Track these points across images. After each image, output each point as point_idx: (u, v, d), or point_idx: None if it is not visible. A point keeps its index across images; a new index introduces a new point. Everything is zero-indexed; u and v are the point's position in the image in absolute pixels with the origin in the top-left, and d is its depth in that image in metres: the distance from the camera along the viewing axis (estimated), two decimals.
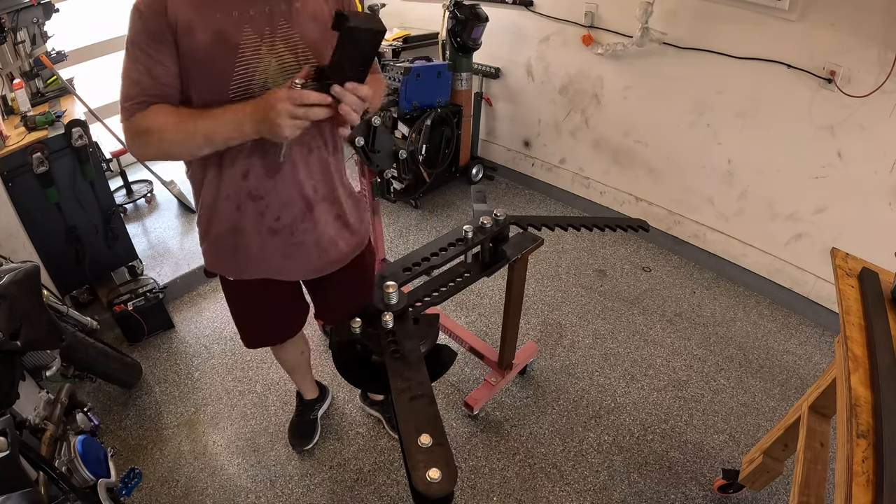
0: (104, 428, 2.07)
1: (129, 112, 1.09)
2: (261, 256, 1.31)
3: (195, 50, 1.05)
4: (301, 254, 1.32)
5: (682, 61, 2.53)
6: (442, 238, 1.34)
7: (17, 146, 2.06)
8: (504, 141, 3.59)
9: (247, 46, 1.08)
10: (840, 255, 1.35)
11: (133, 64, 1.07)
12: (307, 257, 1.33)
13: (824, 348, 2.41)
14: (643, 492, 1.85)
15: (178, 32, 1.04)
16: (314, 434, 2.02)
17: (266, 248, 1.29)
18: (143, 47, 1.05)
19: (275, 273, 1.36)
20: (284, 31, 1.11)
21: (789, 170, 2.39)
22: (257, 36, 1.08)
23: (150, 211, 3.24)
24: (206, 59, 1.07)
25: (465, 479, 1.90)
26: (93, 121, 2.67)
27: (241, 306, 1.53)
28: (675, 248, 2.98)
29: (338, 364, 1.17)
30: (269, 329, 1.60)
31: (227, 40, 1.06)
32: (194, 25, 1.04)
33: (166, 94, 1.09)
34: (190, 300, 2.71)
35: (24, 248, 2.17)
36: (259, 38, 1.08)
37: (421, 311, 1.20)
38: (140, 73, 1.06)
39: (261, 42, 1.09)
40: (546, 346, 2.41)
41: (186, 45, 1.05)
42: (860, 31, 2.00)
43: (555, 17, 2.92)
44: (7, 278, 1.47)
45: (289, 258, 1.32)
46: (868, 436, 0.93)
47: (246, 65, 1.09)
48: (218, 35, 1.05)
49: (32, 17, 2.33)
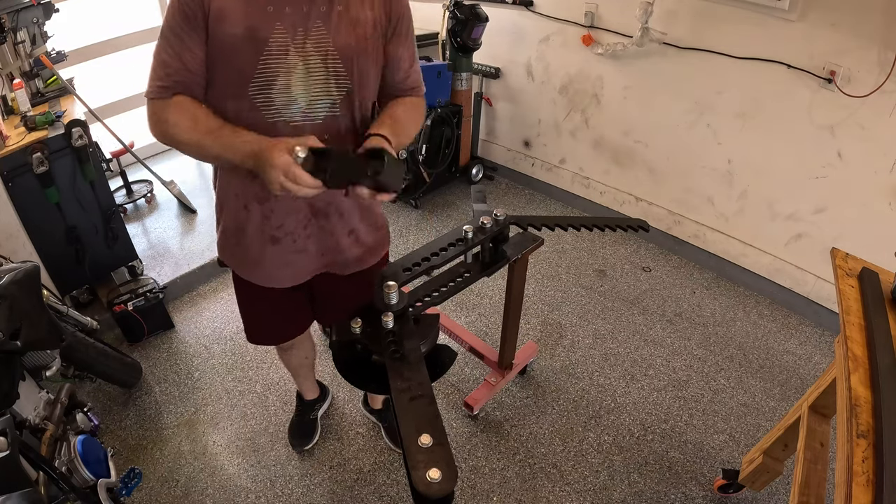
0: (104, 428, 2.07)
1: (153, 92, 1.08)
2: (259, 262, 1.30)
3: (223, 39, 1.04)
4: (302, 260, 1.30)
5: (682, 61, 2.53)
6: (442, 238, 1.34)
7: (17, 146, 2.06)
8: (504, 141, 3.59)
9: (275, 44, 1.05)
10: (840, 255, 1.34)
11: (165, 45, 1.06)
12: (308, 262, 1.32)
13: (824, 348, 2.42)
14: (643, 492, 1.85)
15: (210, 18, 1.02)
16: (314, 434, 2.02)
17: (265, 255, 1.28)
18: (177, 30, 1.04)
19: (271, 281, 1.35)
20: (319, 33, 1.07)
21: (789, 170, 2.40)
22: (288, 35, 1.05)
23: (150, 211, 3.24)
24: (231, 51, 1.05)
25: (466, 479, 1.90)
26: (93, 121, 2.67)
27: (246, 301, 1.53)
28: (675, 248, 2.98)
29: (338, 364, 1.17)
30: (270, 328, 1.59)
31: (256, 34, 1.03)
32: (226, 14, 1.02)
33: (191, 81, 1.08)
34: (190, 300, 2.70)
35: (24, 248, 2.17)
36: (290, 37, 1.05)
37: (421, 311, 1.19)
38: (170, 56, 1.06)
39: (290, 42, 1.06)
40: (546, 346, 2.41)
41: (215, 32, 1.03)
42: (860, 31, 2.00)
43: (555, 17, 2.92)
44: (7, 278, 1.47)
45: (288, 266, 1.31)
46: (868, 436, 0.93)
47: (270, 63, 1.06)
48: (248, 27, 1.03)
49: (32, 17, 2.33)
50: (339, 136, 1.17)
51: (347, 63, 1.11)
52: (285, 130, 1.12)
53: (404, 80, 1.26)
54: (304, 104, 1.11)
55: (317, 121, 1.14)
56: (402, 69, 1.24)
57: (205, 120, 1.08)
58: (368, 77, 1.18)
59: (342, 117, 1.17)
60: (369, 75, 1.18)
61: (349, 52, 1.11)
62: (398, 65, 1.23)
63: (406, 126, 1.23)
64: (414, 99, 1.29)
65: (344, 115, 1.17)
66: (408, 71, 1.25)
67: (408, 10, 1.20)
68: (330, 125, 1.16)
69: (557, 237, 3.04)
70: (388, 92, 1.27)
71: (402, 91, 1.28)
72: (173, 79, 1.07)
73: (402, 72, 1.24)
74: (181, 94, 1.09)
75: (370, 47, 1.14)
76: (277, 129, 1.11)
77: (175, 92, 1.09)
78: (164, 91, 1.08)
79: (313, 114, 1.13)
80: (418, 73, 1.29)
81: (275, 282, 1.35)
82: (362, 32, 1.12)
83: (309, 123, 1.13)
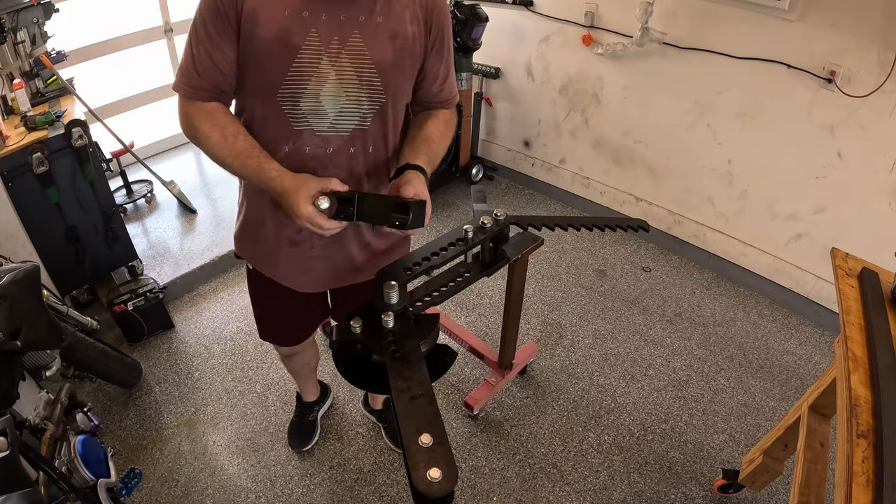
0: (104, 428, 2.07)
1: (185, 91, 1.07)
2: (276, 262, 1.29)
3: (255, 42, 1.01)
4: (317, 268, 1.29)
5: (682, 61, 2.53)
6: (442, 238, 1.34)
7: (17, 146, 2.06)
8: (504, 141, 3.59)
9: (307, 51, 1.01)
10: (840, 255, 1.34)
11: (196, 41, 1.03)
12: (323, 273, 1.31)
13: (824, 348, 2.42)
14: (643, 492, 1.85)
15: (243, 18, 0.99)
16: (313, 435, 2.01)
17: (281, 256, 1.27)
18: (208, 27, 1.01)
19: (286, 280, 1.34)
20: (356, 44, 1.03)
21: (789, 170, 2.39)
22: (322, 43, 1.01)
23: (150, 211, 3.24)
24: (263, 55, 1.02)
25: (466, 479, 1.90)
26: (93, 121, 2.67)
27: (258, 297, 1.51)
28: (675, 248, 2.98)
29: (338, 364, 1.17)
30: (282, 327, 1.57)
31: (289, 40, 1.00)
32: (259, 15, 0.99)
33: (222, 81, 1.07)
34: (190, 300, 2.70)
35: (24, 248, 2.17)
36: (324, 46, 1.01)
37: (421, 311, 1.19)
38: (200, 54, 1.03)
39: (324, 51, 1.02)
40: (546, 346, 2.41)
41: (247, 34, 1.01)
42: (860, 31, 2.00)
43: (555, 17, 2.92)
44: (7, 278, 1.47)
45: (304, 272, 1.30)
46: (868, 436, 0.93)
47: (301, 71, 1.03)
48: (281, 32, 0.99)
49: (32, 17, 2.33)
50: (367, 149, 1.15)
51: (384, 77, 1.08)
52: (312, 140, 1.10)
53: (438, 93, 1.24)
54: (332, 115, 1.09)
55: (344, 133, 1.11)
56: (438, 82, 1.22)
57: (233, 140, 1.06)
58: (403, 92, 1.16)
59: (372, 130, 1.14)
60: (404, 90, 1.16)
61: (386, 67, 1.07)
62: (434, 79, 1.20)
63: (440, 149, 1.21)
64: (447, 113, 1.27)
65: (374, 128, 1.14)
66: (442, 84, 1.23)
67: (449, 23, 1.16)
68: (358, 137, 1.13)
69: (557, 237, 3.04)
70: (421, 103, 1.25)
71: (435, 103, 1.26)
72: (206, 80, 1.05)
73: (437, 85, 1.22)
74: (215, 100, 1.08)
75: (407, 62, 1.11)
76: (304, 137, 1.10)
77: (207, 95, 1.06)
78: (195, 92, 1.06)
79: (341, 125, 1.10)
80: (453, 85, 1.27)
81: (292, 283, 1.34)
82: (400, 46, 1.08)
83: (336, 135, 1.11)
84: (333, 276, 1.33)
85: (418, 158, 1.13)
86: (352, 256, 1.30)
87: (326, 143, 1.11)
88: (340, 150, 1.13)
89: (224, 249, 2.87)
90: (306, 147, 1.11)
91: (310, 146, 1.11)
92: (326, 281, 1.35)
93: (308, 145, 1.11)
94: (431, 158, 1.16)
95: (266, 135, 1.11)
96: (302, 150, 1.11)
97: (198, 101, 1.08)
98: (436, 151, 1.19)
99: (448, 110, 1.28)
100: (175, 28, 3.41)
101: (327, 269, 1.30)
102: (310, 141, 1.10)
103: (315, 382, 2.02)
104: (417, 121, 1.25)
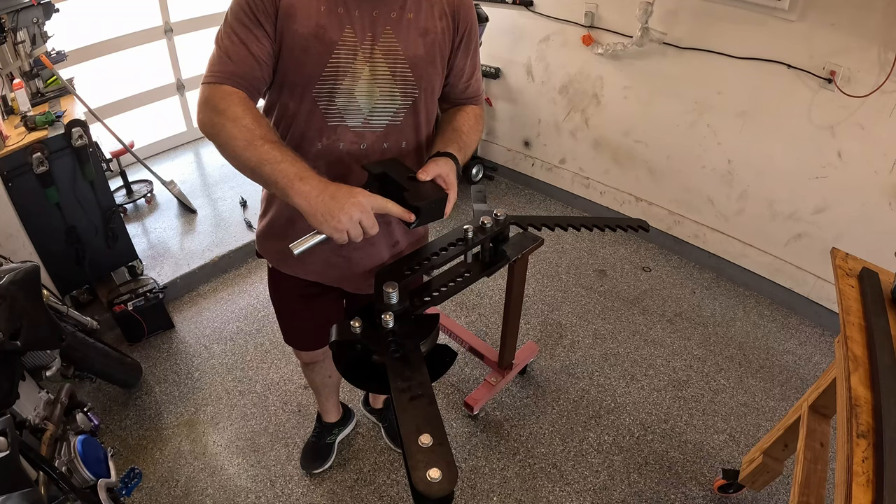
0: (104, 428, 2.07)
1: (212, 78, 1.02)
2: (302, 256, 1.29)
3: (292, 37, 1.01)
4: (345, 267, 1.29)
5: (682, 61, 2.53)
6: (442, 238, 1.34)
7: (17, 146, 2.06)
8: (504, 141, 3.59)
9: (343, 47, 1.02)
10: (840, 255, 1.35)
11: (230, 32, 1.01)
12: (350, 271, 1.30)
13: (824, 348, 2.42)
14: (643, 492, 1.85)
15: (280, 14, 0.99)
16: (328, 459, 1.93)
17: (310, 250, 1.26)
18: (244, 20, 1.00)
19: (313, 275, 1.33)
20: (388, 40, 1.05)
21: (789, 170, 2.40)
22: (357, 39, 1.02)
23: (150, 211, 3.24)
24: (300, 49, 1.02)
25: (466, 479, 1.90)
26: (93, 121, 2.67)
27: (278, 299, 1.50)
28: (675, 248, 2.98)
29: (338, 364, 1.17)
30: (301, 331, 1.54)
31: (325, 35, 1.01)
32: (296, 11, 0.99)
33: (255, 73, 1.03)
34: (190, 300, 2.70)
35: (24, 248, 2.17)
36: (358, 41, 1.03)
37: (421, 310, 1.19)
38: (234, 44, 1.01)
39: (359, 47, 1.03)
40: (546, 346, 2.41)
41: (283, 29, 1.00)
42: (860, 31, 2.00)
43: (555, 17, 2.92)
44: (7, 278, 1.47)
45: (331, 267, 1.29)
46: (868, 436, 0.93)
47: (338, 67, 1.03)
48: (318, 27, 1.00)
49: (32, 17, 2.33)
50: (400, 145, 1.14)
51: (416, 73, 1.09)
52: (346, 135, 1.10)
53: (465, 89, 1.25)
54: (366, 111, 1.09)
55: (378, 128, 1.12)
56: (465, 78, 1.23)
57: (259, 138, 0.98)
58: (435, 87, 1.17)
59: (405, 126, 1.15)
60: (436, 85, 1.17)
61: (419, 62, 1.09)
62: (461, 74, 1.21)
63: (471, 140, 1.21)
64: (476, 109, 1.28)
65: (407, 123, 1.15)
66: (469, 80, 1.24)
67: (475, 20, 1.18)
68: (391, 133, 1.14)
69: (557, 237, 3.04)
70: (449, 99, 1.26)
71: (462, 100, 1.27)
72: (238, 66, 1.01)
73: (464, 81, 1.23)
74: (245, 91, 1.03)
75: (438, 58, 1.12)
76: (338, 133, 1.10)
77: (238, 82, 1.02)
78: (225, 77, 1.01)
79: (375, 121, 1.11)
80: (479, 82, 1.28)
81: (318, 277, 1.33)
82: (431, 41, 1.09)
83: (370, 131, 1.11)
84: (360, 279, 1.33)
85: (449, 146, 1.14)
86: (380, 256, 1.30)
87: (361, 139, 1.12)
88: (374, 145, 1.14)
89: (224, 249, 2.87)
90: (340, 143, 1.12)
91: (344, 142, 1.11)
92: (353, 282, 1.34)
93: (342, 141, 1.11)
94: (462, 147, 1.17)
95: (299, 131, 1.11)
96: (336, 146, 1.12)
97: (226, 85, 1.01)
98: (466, 142, 1.20)
99: (477, 106, 1.30)
100: (175, 28, 3.41)
101: (354, 271, 1.30)
102: (344, 136, 1.11)
103: (337, 403, 1.95)
104: (447, 116, 1.26)
